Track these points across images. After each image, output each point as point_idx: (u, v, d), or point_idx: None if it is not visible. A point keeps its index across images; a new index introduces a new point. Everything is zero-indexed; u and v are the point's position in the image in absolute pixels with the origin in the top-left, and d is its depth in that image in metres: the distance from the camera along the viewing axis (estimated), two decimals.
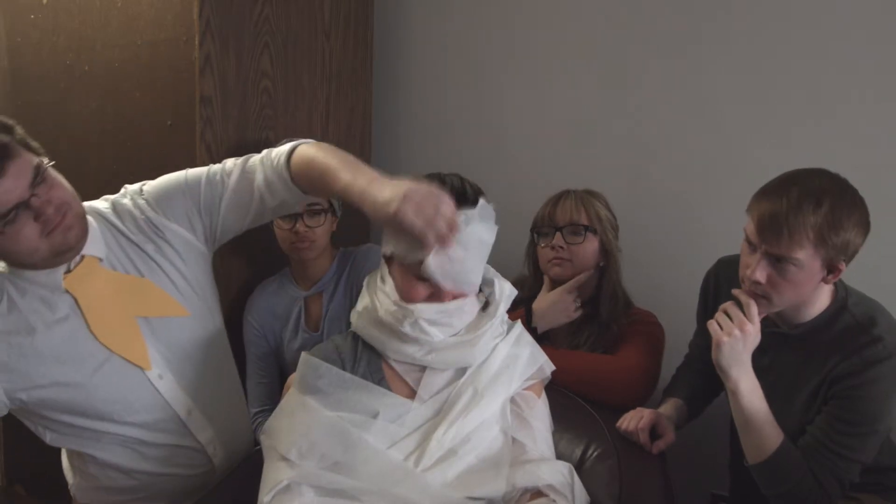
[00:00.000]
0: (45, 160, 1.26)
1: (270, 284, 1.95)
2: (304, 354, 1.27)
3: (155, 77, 1.90)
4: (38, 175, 1.22)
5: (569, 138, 2.16)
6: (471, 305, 1.27)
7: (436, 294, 1.22)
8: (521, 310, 1.72)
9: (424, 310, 1.22)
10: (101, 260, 1.35)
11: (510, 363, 1.28)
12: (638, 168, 2.07)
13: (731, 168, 1.94)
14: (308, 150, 1.36)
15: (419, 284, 1.22)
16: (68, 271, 1.32)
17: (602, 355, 1.68)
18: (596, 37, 2.10)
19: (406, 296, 1.22)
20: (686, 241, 2.01)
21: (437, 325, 1.23)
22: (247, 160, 1.45)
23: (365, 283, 1.33)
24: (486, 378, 1.25)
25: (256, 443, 1.46)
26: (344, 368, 1.25)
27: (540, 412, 1.29)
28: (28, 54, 2.16)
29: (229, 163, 1.47)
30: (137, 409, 1.38)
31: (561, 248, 1.72)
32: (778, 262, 1.31)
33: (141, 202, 1.43)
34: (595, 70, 2.11)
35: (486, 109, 2.29)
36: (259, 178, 1.40)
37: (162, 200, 1.43)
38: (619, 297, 1.75)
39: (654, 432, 1.53)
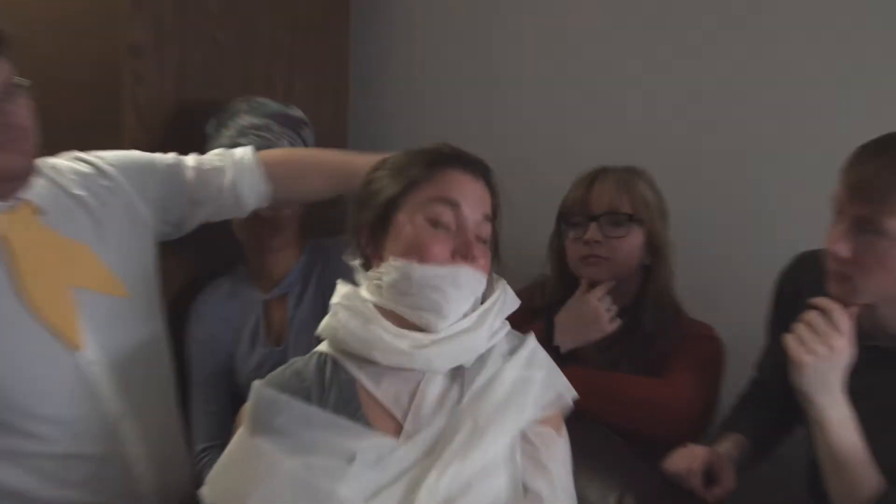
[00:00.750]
0: (26, 81, 1.22)
1: (220, 286, 1.76)
2: (255, 384, 1.11)
3: (72, 23, 1.74)
4: (9, 90, 1.19)
5: (600, 102, 1.90)
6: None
7: (461, 253, 1.11)
8: (539, 323, 1.49)
9: (449, 270, 1.10)
10: (41, 213, 1.28)
11: (519, 389, 1.13)
12: (690, 143, 1.79)
13: (809, 144, 1.69)
14: (283, 151, 1.55)
15: (442, 238, 1.12)
16: (7, 211, 1.25)
17: (646, 379, 1.47)
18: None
19: (425, 252, 1.10)
20: (750, 234, 1.76)
21: (463, 289, 1.10)
22: (198, 157, 1.49)
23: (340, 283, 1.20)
24: (488, 408, 1.10)
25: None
26: (309, 400, 1.10)
27: (559, 453, 1.15)
28: None
29: (178, 156, 1.48)
30: (60, 402, 1.26)
31: (597, 242, 1.49)
32: (865, 231, 1.20)
33: (90, 158, 1.39)
34: (636, 14, 1.85)
35: (492, 60, 2.06)
36: (228, 176, 1.46)
37: (121, 161, 1.41)
38: (666, 305, 1.52)
39: (710, 476, 1.36)
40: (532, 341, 1.18)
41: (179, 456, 1.48)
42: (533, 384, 1.14)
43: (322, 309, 1.20)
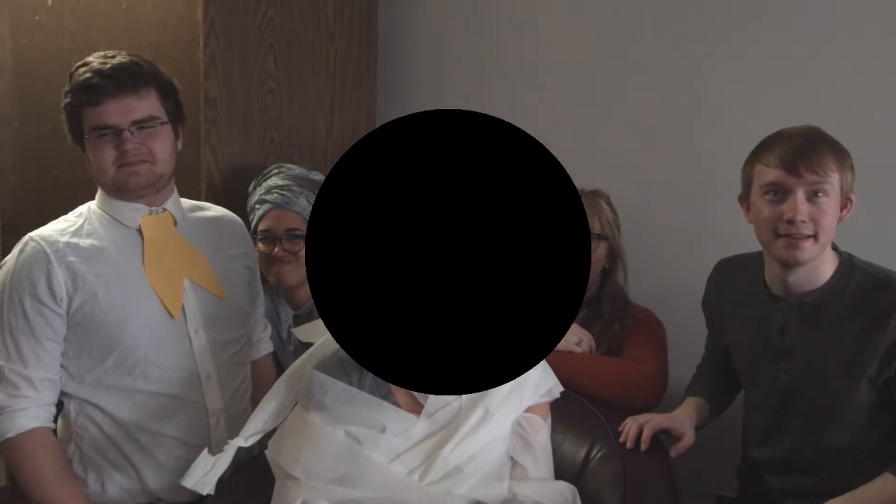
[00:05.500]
0: (175, 126, 1.50)
1: None
2: (309, 370, 1.29)
3: None
4: (149, 122, 1.42)
5: (572, 136, 2.15)
6: None
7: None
8: None
9: None
10: (175, 223, 1.54)
11: (521, 384, 1.28)
12: (640, 164, 2.04)
13: (734, 166, 1.83)
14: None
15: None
16: (148, 214, 1.51)
17: (612, 359, 1.66)
18: (597, 33, 2.11)
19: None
20: (691, 238, 1.98)
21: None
22: None
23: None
24: (497, 398, 1.26)
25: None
26: (350, 383, 1.27)
27: (543, 436, 1.31)
28: (33, 56, 2.19)
29: None
30: (168, 353, 1.47)
31: None
32: (815, 194, 1.32)
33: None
34: (598, 69, 2.11)
35: (490, 111, 2.25)
36: None
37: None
38: (618, 296, 1.75)
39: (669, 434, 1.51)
40: None
41: (245, 418, 1.59)
42: (529, 380, 1.28)
43: None
